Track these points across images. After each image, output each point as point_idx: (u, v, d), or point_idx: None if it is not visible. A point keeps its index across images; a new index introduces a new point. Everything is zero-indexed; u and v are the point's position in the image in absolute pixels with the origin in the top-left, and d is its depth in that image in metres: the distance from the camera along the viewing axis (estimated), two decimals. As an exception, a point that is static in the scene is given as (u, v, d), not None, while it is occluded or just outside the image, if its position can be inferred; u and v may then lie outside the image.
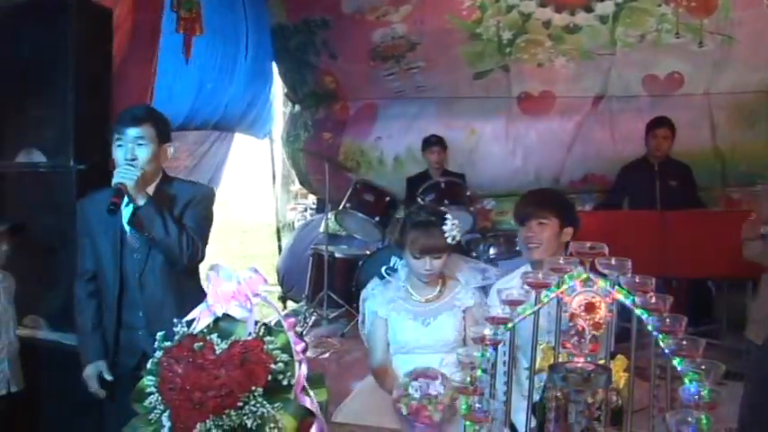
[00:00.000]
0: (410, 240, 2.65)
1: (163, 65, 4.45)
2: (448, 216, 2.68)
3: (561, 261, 1.77)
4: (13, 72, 3.47)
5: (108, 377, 2.63)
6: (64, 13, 3.28)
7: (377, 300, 2.77)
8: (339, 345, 5.06)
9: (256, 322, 1.53)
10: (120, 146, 2.51)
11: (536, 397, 1.85)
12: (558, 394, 1.67)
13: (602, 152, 6.28)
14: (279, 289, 6.93)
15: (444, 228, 2.64)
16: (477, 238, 5.50)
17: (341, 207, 5.67)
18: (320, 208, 7.91)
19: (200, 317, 1.55)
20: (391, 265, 5.17)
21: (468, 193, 5.61)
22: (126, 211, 2.51)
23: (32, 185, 3.45)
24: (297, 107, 7.77)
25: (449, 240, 2.65)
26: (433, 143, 5.97)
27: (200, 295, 2.53)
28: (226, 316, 1.56)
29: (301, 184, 8.46)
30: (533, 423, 1.83)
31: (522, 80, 6.49)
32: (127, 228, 2.54)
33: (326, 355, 4.90)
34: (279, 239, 8.47)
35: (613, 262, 1.75)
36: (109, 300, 2.61)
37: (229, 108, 6.80)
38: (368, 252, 5.76)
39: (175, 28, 3.97)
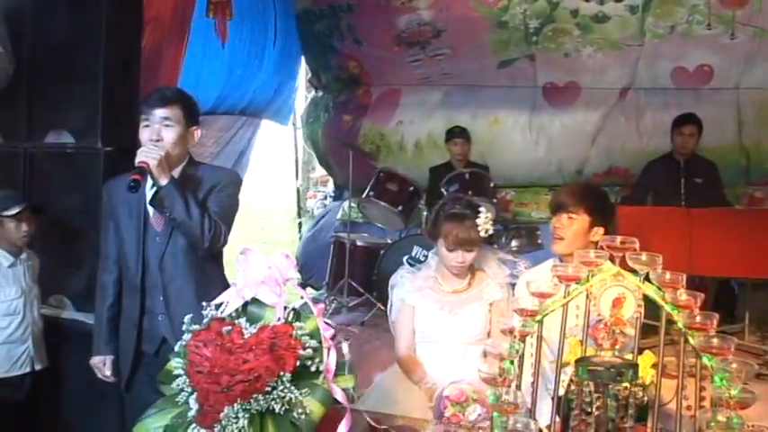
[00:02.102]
0: (444, 232, 2.64)
1: (193, 49, 4.44)
2: (482, 209, 2.67)
3: (591, 255, 1.75)
4: (45, 53, 3.51)
5: (107, 372, 2.65)
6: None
7: (405, 287, 2.77)
8: (359, 333, 5.06)
9: (285, 307, 1.53)
10: (146, 126, 2.47)
11: (560, 391, 1.83)
12: (584, 389, 1.66)
13: (626, 145, 6.22)
14: (298, 276, 6.94)
15: (478, 221, 2.63)
16: (499, 230, 5.47)
17: (364, 195, 5.66)
18: (338, 195, 7.91)
19: (229, 300, 1.56)
20: (413, 254, 5.24)
21: (492, 185, 5.57)
22: (149, 194, 2.48)
23: (60, 166, 3.50)
24: (319, 91, 7.77)
25: (482, 234, 2.64)
26: (457, 134, 5.91)
27: (221, 281, 2.57)
28: (254, 300, 1.56)
29: (320, 164, 8.46)
30: (557, 417, 1.82)
31: (547, 70, 6.42)
32: (150, 210, 2.53)
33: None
34: (300, 227, 8.49)
35: (644, 257, 1.73)
36: (131, 283, 2.59)
37: (257, 94, 6.83)
38: (389, 240, 5.76)
39: (205, 12, 3.96)
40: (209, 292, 1.72)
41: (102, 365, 2.66)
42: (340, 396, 1.54)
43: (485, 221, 2.64)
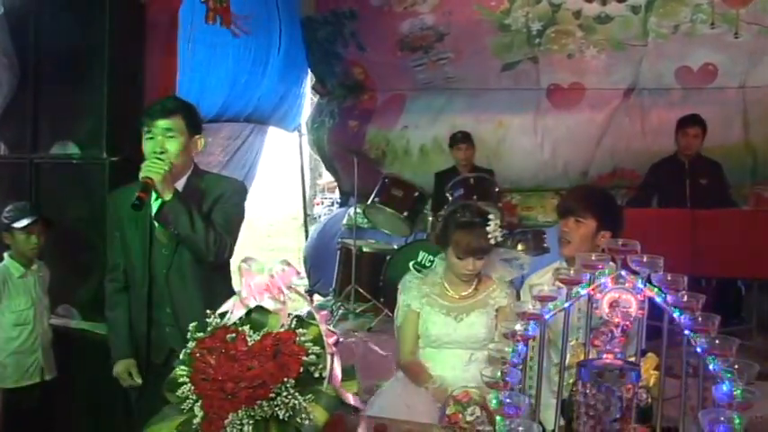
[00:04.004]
0: (454, 241, 2.66)
1: (197, 57, 4.43)
2: (491, 216, 2.68)
3: (593, 258, 1.76)
4: (49, 65, 3.54)
5: (137, 379, 2.59)
6: (99, 7, 3.33)
7: (411, 293, 2.79)
8: (366, 338, 5.06)
9: (289, 314, 1.54)
10: (149, 138, 2.46)
11: (565, 394, 1.84)
12: (587, 391, 1.67)
13: (631, 146, 6.21)
14: (305, 282, 6.95)
15: (488, 228, 2.64)
16: (505, 235, 5.45)
17: (369, 201, 5.66)
18: (344, 201, 7.92)
19: (234, 309, 1.57)
20: (419, 260, 5.25)
21: (497, 190, 5.55)
22: (154, 206, 2.46)
23: (66, 177, 3.53)
24: (324, 97, 7.79)
25: (491, 241, 2.65)
26: (460, 140, 5.84)
27: (229, 292, 2.53)
28: (258, 308, 1.57)
29: (327, 170, 8.48)
30: (562, 421, 1.83)
31: (551, 71, 6.43)
32: (156, 222, 2.51)
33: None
34: (306, 233, 8.50)
35: (645, 259, 1.74)
36: (138, 295, 2.58)
37: (262, 101, 6.84)
38: (395, 246, 5.76)
39: (204, 19, 3.97)
40: (217, 303, 1.71)
41: (128, 372, 2.59)
42: (352, 400, 1.54)
43: (494, 229, 2.65)
